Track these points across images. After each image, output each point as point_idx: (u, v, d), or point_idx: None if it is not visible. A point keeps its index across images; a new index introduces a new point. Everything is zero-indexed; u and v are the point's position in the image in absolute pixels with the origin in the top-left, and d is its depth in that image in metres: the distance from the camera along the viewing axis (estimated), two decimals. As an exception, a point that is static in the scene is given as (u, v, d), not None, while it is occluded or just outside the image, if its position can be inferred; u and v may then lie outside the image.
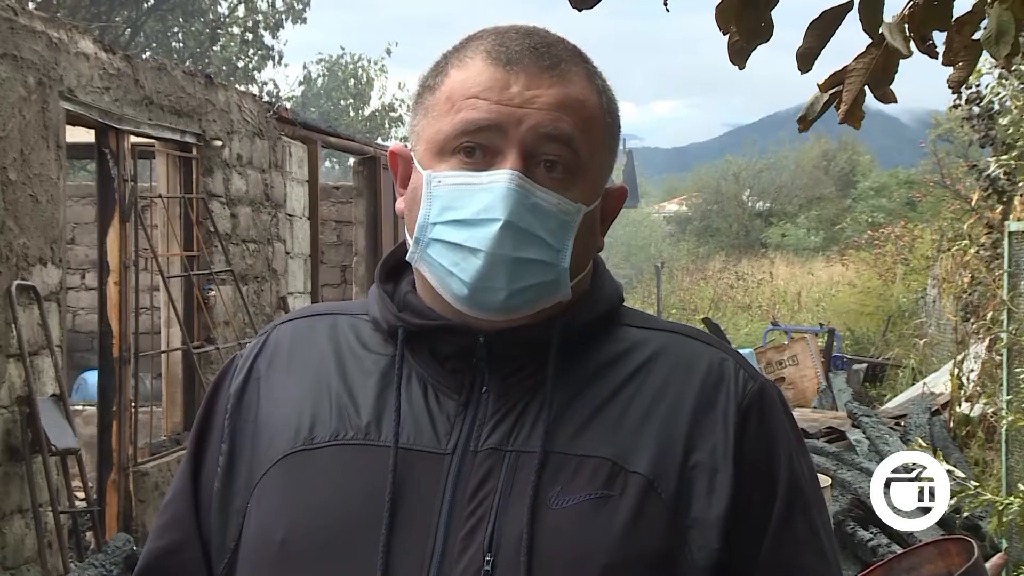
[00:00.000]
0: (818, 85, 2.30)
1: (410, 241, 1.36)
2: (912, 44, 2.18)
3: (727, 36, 2.21)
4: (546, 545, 1.25)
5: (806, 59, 2.22)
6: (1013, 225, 6.54)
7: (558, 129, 1.31)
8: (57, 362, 5.89)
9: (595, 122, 1.35)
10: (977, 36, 2.22)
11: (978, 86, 8.74)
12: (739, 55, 2.22)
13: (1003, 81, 8.27)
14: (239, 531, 1.36)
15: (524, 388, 1.33)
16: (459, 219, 1.30)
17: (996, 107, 8.62)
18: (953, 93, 2.64)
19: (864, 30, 2.18)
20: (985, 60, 8.58)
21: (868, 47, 2.22)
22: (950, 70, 2.31)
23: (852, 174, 35.56)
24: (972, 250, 9.52)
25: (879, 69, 2.21)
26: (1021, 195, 7.90)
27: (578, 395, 1.33)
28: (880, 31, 2.17)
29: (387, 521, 1.27)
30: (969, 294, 9.53)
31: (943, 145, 16.04)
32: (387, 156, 1.49)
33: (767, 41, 2.20)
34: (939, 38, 2.24)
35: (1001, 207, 8.65)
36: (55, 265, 5.92)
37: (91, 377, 10.05)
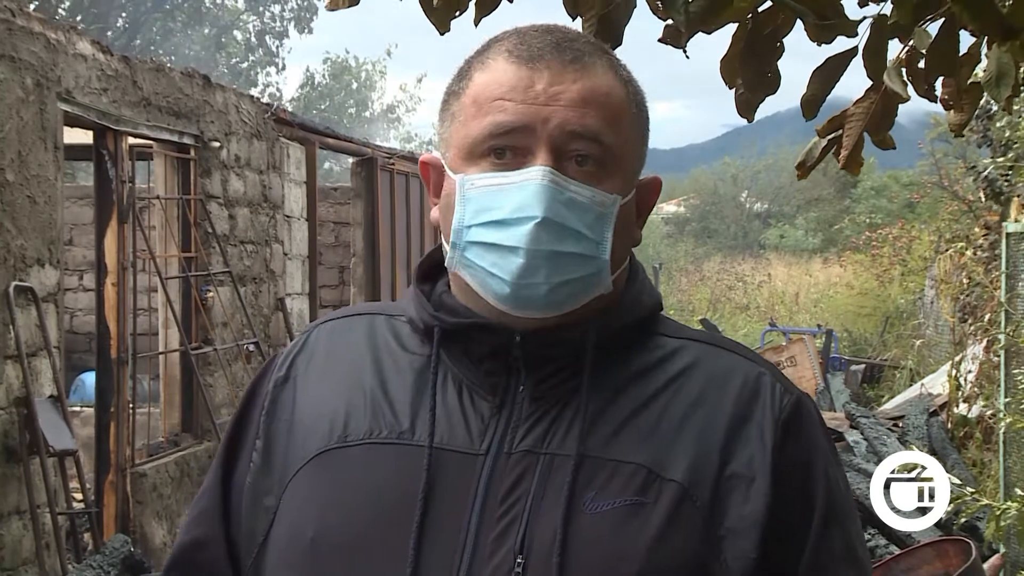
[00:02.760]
0: (817, 131, 2.28)
1: (447, 247, 1.36)
2: (912, 88, 2.17)
3: (735, 90, 2.18)
4: (579, 549, 1.24)
5: (811, 106, 2.19)
6: (1011, 226, 6.55)
7: (584, 125, 1.30)
8: (55, 363, 5.88)
9: (622, 113, 1.35)
10: (978, 77, 2.21)
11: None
12: (747, 107, 2.19)
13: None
14: (269, 527, 1.37)
15: (560, 391, 1.33)
16: (495, 219, 1.30)
17: (994, 108, 8.62)
18: (956, 136, 2.63)
19: (868, 76, 2.16)
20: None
21: (867, 91, 2.20)
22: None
23: (850, 175, 35.53)
24: (970, 251, 9.53)
25: (878, 114, 2.20)
26: (1019, 196, 7.91)
27: (613, 400, 1.32)
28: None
29: (418, 520, 1.27)
30: (967, 295, 9.54)
31: (941, 146, 16.04)
32: (419, 166, 1.49)
33: (774, 92, 2.17)
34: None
35: (999, 208, 8.65)
36: (53, 266, 5.92)
37: (89, 378, 10.06)
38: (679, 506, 1.25)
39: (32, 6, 18.61)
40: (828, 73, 2.18)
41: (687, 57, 2.10)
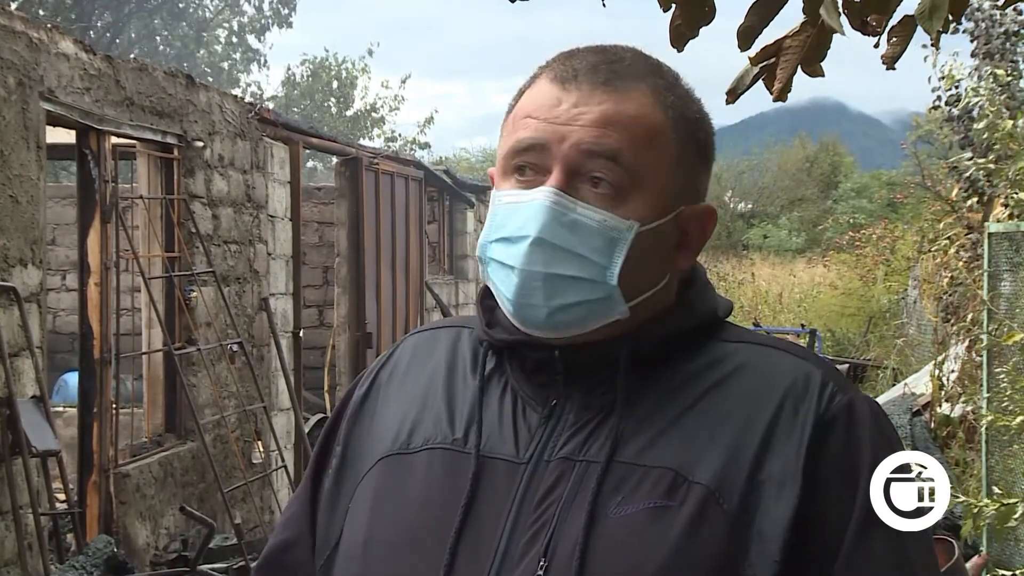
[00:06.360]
0: (750, 59, 2.31)
1: None
2: (847, 23, 2.20)
3: (670, 21, 2.22)
4: (600, 552, 1.25)
5: (746, 37, 2.23)
6: (993, 226, 6.59)
7: (601, 145, 1.30)
8: (38, 364, 5.86)
9: (657, 138, 1.32)
10: (911, 12, 2.24)
11: (956, 87, 8.79)
12: (680, 39, 2.23)
13: (978, 88, 8.31)
14: (340, 530, 1.41)
15: (604, 402, 1.34)
16: (504, 236, 1.32)
17: (975, 112, 8.66)
18: (888, 69, 2.63)
19: (804, 12, 2.19)
20: (961, 64, 8.62)
21: (803, 24, 2.22)
22: (931, 69, 2.32)
23: (834, 175, 35.64)
24: (952, 251, 9.57)
25: (813, 47, 2.22)
26: (1000, 196, 7.95)
27: (657, 408, 1.32)
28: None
29: (457, 524, 1.30)
30: (950, 295, 9.57)
31: (924, 147, 16.11)
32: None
33: (708, 24, 2.22)
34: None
35: (981, 208, 8.69)
36: (35, 266, 5.90)
37: (72, 379, 10.00)
38: (704, 508, 1.24)
39: (14, 5, 18.54)
40: (767, 5, 2.20)
41: (604, 5, 2.12)
